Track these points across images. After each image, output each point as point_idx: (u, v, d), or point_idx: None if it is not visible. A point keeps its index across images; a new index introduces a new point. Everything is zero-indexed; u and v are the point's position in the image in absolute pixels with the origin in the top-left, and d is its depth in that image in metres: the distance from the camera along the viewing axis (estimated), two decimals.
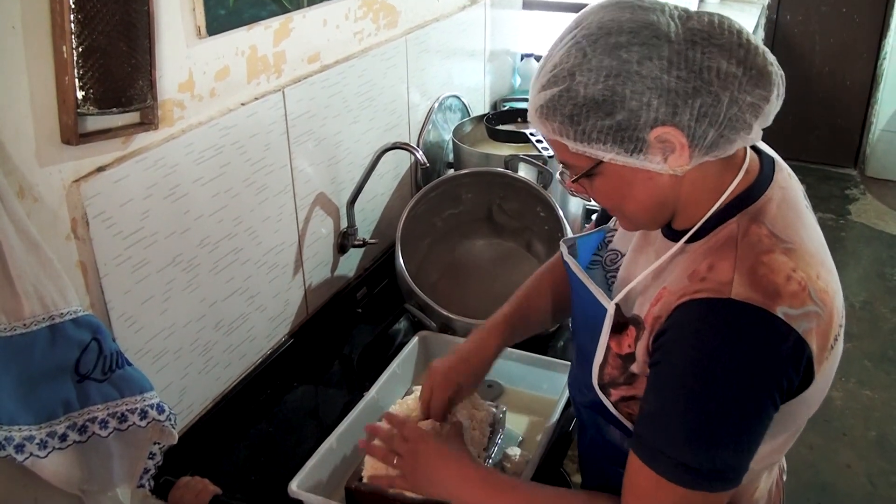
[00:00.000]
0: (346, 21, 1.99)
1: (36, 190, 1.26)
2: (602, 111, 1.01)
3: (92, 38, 1.25)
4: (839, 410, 3.46)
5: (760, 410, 1.02)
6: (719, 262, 1.04)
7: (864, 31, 5.32)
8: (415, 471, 1.31)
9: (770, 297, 1.00)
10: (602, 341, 1.17)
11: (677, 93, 1.00)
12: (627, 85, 1.00)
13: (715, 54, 1.01)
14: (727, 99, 1.01)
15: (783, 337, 1.00)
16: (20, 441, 1.23)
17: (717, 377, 1.00)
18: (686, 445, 1.03)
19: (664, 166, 1.04)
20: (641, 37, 1.00)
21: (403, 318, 2.15)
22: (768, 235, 1.06)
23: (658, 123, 1.01)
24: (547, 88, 1.05)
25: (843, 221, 5.04)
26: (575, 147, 1.06)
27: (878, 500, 3.02)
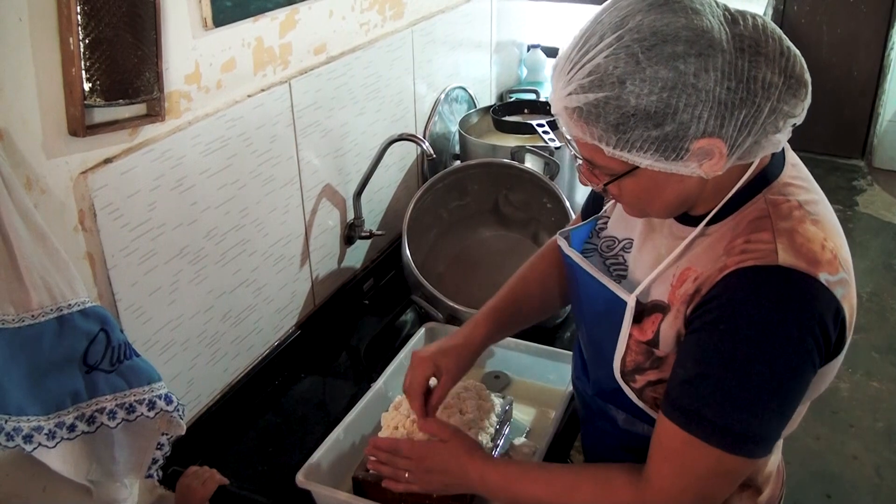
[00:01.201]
0: (353, 12, 1.98)
1: (43, 182, 1.26)
2: (652, 122, 0.99)
3: (98, 30, 1.25)
4: (846, 402, 3.45)
5: (803, 375, 1.05)
6: (756, 234, 1.06)
7: (871, 21, 5.29)
8: (432, 484, 1.32)
9: (812, 264, 1.02)
10: (623, 333, 1.17)
11: (726, 105, 0.99)
12: (682, 98, 0.98)
13: (761, 64, 1.00)
14: (767, 108, 1.02)
15: (827, 302, 1.02)
16: (29, 431, 1.23)
17: (767, 342, 1.02)
18: (729, 408, 1.04)
19: (698, 171, 1.04)
20: (698, 47, 0.97)
21: (410, 310, 2.15)
22: (797, 207, 1.08)
23: (705, 135, 1.00)
24: (589, 91, 1.00)
25: (851, 213, 5.02)
26: (612, 152, 1.04)
27: (885, 491, 3.01)
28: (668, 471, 1.11)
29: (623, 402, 1.23)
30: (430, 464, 1.32)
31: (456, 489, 1.33)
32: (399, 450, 1.35)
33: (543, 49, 3.21)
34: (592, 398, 1.33)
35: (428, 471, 1.32)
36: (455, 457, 1.31)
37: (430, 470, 1.32)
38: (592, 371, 1.31)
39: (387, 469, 1.36)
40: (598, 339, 1.26)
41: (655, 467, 1.12)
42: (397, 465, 1.35)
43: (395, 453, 1.36)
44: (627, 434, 1.28)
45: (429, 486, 1.33)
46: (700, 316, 1.08)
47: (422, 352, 1.44)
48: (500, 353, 1.80)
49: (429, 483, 1.33)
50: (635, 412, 1.23)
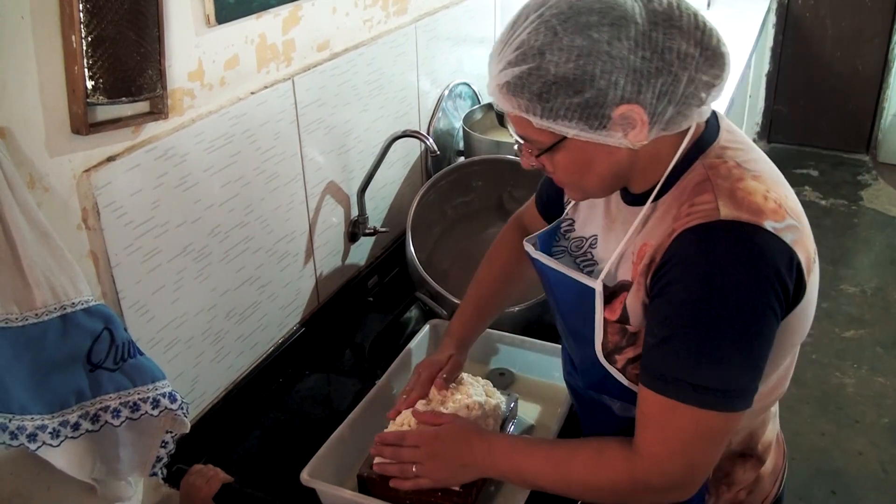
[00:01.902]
0: (356, 8, 1.98)
1: (46, 180, 1.26)
2: (571, 89, 1.05)
3: (101, 28, 1.25)
4: (851, 397, 3.45)
5: (765, 322, 1.07)
6: (698, 198, 1.10)
7: (876, 15, 5.28)
8: (441, 469, 1.33)
9: (755, 213, 1.06)
10: (598, 317, 1.22)
11: (642, 72, 1.05)
12: (597, 64, 1.04)
13: (675, 35, 1.06)
14: (685, 78, 1.07)
15: (775, 247, 1.06)
16: (32, 430, 1.23)
17: (722, 294, 1.05)
18: (697, 365, 1.07)
19: (624, 141, 1.09)
20: (610, 17, 1.04)
21: (414, 307, 2.14)
22: (735, 166, 1.12)
23: (623, 101, 1.05)
24: (515, 66, 1.07)
25: (856, 207, 5.01)
26: (540, 123, 1.10)
27: (890, 487, 3.01)
28: (653, 438, 1.13)
29: (614, 389, 1.26)
30: (435, 447, 1.33)
31: (464, 471, 1.32)
32: (403, 439, 1.37)
33: None
34: (586, 391, 1.35)
35: (434, 456, 1.33)
36: (460, 435, 1.33)
37: (435, 454, 1.33)
38: (580, 363, 1.34)
39: (393, 468, 1.36)
40: (577, 330, 1.29)
41: (641, 436, 1.15)
42: (403, 457, 1.35)
43: (399, 444, 1.36)
44: (626, 421, 1.29)
45: (437, 473, 1.33)
46: (657, 282, 1.12)
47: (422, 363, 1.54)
48: (504, 351, 1.80)
49: (436, 470, 1.33)
50: (628, 397, 1.25)
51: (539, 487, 1.29)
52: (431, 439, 1.35)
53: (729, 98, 3.22)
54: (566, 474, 1.22)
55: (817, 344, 3.76)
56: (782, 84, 5.62)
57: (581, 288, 1.24)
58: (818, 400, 3.44)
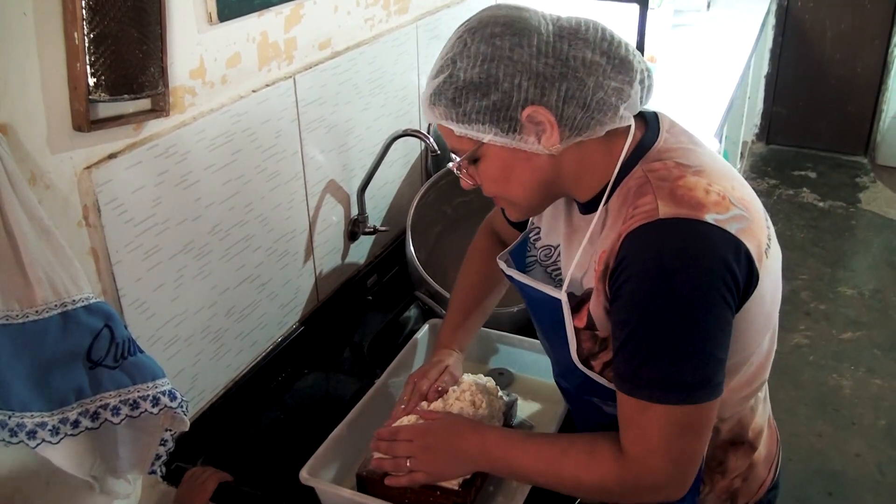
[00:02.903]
0: (357, 7, 1.98)
1: (47, 177, 1.26)
2: (479, 92, 1.12)
3: (103, 25, 1.25)
4: (848, 399, 3.45)
5: (716, 312, 1.09)
6: (640, 200, 1.13)
7: (875, 17, 5.28)
8: (434, 462, 1.34)
9: (695, 208, 1.08)
10: (569, 327, 1.25)
11: (545, 76, 1.11)
12: (500, 68, 1.11)
13: (580, 46, 1.12)
14: (592, 83, 1.12)
15: (718, 238, 1.07)
16: (32, 427, 1.23)
17: (669, 289, 1.07)
18: (656, 363, 1.10)
19: (539, 146, 1.14)
20: (514, 28, 1.12)
21: (414, 306, 2.15)
22: (675, 166, 1.15)
23: (528, 103, 1.11)
24: (434, 78, 1.16)
25: (854, 210, 5.02)
26: (459, 130, 1.16)
27: (886, 489, 3.02)
28: (633, 438, 1.15)
29: (600, 391, 1.27)
30: (428, 440, 1.35)
31: (457, 464, 1.33)
32: (397, 434, 1.38)
33: None
34: (577, 393, 1.37)
35: (427, 448, 1.34)
36: (452, 429, 1.35)
37: (428, 447, 1.34)
38: (563, 370, 1.36)
39: (389, 463, 1.37)
40: (554, 339, 1.33)
41: (623, 437, 1.16)
42: (396, 451, 1.36)
43: (394, 439, 1.37)
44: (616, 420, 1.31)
45: (430, 465, 1.33)
46: (612, 286, 1.15)
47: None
48: (503, 350, 1.80)
49: (429, 462, 1.33)
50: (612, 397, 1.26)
51: (532, 482, 1.32)
52: (424, 432, 1.37)
53: (728, 99, 3.22)
54: (558, 472, 1.23)
55: (815, 346, 3.77)
56: (781, 86, 5.62)
57: (550, 299, 1.27)
58: (815, 401, 3.44)
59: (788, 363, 3.63)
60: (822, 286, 4.21)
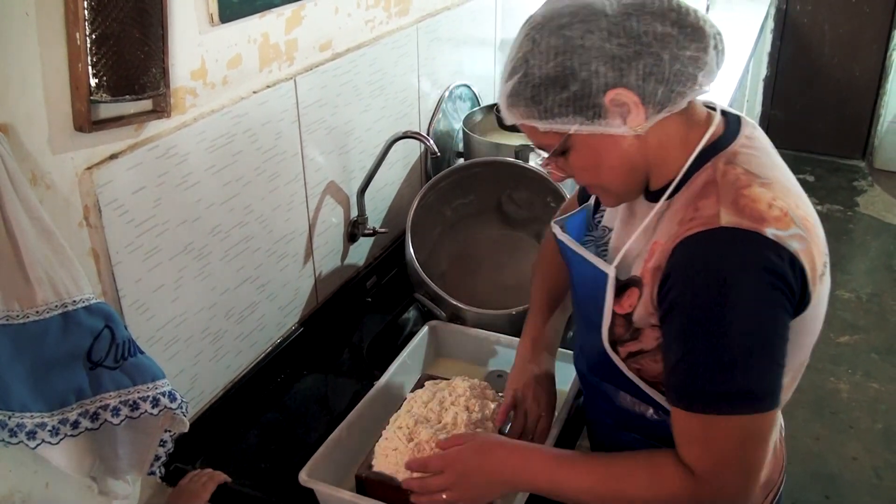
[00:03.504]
0: (358, 9, 1.98)
1: (49, 177, 1.26)
2: (558, 85, 1.11)
3: (105, 25, 1.25)
4: (846, 403, 3.46)
5: (776, 319, 1.09)
6: (702, 202, 1.12)
7: (873, 21, 5.29)
8: (470, 488, 1.30)
9: (757, 220, 1.07)
10: (608, 305, 1.23)
11: (620, 58, 1.09)
12: (575, 58, 1.10)
13: (649, 20, 1.10)
14: (668, 56, 1.10)
15: (777, 252, 1.06)
16: (32, 428, 1.23)
17: (729, 299, 1.06)
18: (721, 375, 1.08)
19: (625, 128, 1.13)
20: (580, 15, 1.10)
21: (413, 308, 2.15)
22: (744, 173, 1.13)
23: (609, 87, 1.10)
24: (508, 80, 1.15)
25: (851, 213, 5.02)
26: (544, 126, 1.16)
27: (883, 492, 3.02)
28: (702, 454, 1.13)
29: (614, 377, 1.27)
30: (459, 468, 1.30)
31: (494, 486, 1.30)
32: (427, 467, 1.34)
33: None
34: (590, 375, 1.37)
35: (461, 476, 1.30)
36: (482, 450, 1.32)
37: (462, 474, 1.30)
38: (587, 348, 1.35)
39: (425, 499, 1.33)
40: (588, 314, 1.31)
41: (687, 455, 1.15)
42: (430, 487, 1.32)
43: (424, 471, 1.34)
44: (625, 414, 1.32)
45: (467, 492, 1.30)
46: (665, 295, 1.13)
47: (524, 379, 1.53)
48: (503, 353, 1.80)
49: (466, 489, 1.30)
50: (626, 387, 1.26)
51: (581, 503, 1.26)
52: (454, 460, 1.32)
53: (727, 102, 3.23)
54: (620, 492, 1.20)
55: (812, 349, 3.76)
56: (780, 89, 5.63)
57: (596, 273, 1.26)
58: (813, 404, 3.44)
59: None
60: None
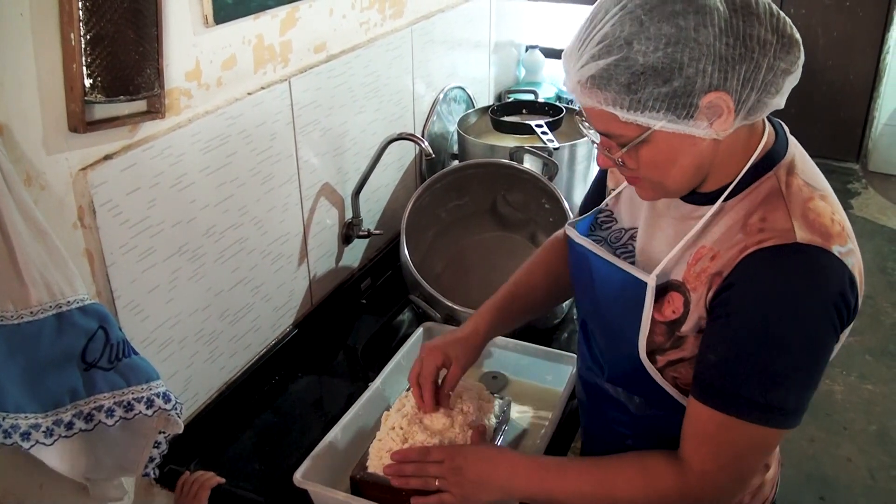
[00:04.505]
0: (353, 11, 1.98)
1: (43, 178, 1.26)
2: (660, 78, 1.03)
3: (100, 26, 1.25)
4: (840, 404, 3.46)
5: (827, 344, 1.10)
6: (771, 213, 1.10)
7: (867, 24, 5.30)
8: (463, 484, 1.31)
9: (826, 238, 1.08)
10: (646, 313, 1.19)
11: (727, 59, 1.03)
12: (685, 52, 1.02)
13: (754, 22, 1.04)
14: (766, 65, 1.06)
15: (841, 272, 1.08)
16: (26, 429, 1.23)
17: (792, 316, 1.06)
18: (763, 384, 1.09)
19: (710, 131, 1.07)
20: (695, 5, 1.02)
21: (407, 309, 2.15)
22: (805, 185, 1.13)
23: (711, 89, 1.04)
24: (599, 59, 1.05)
25: None
26: (626, 116, 1.07)
27: (878, 493, 3.02)
28: (706, 453, 1.14)
29: (641, 386, 1.26)
30: (458, 462, 1.32)
31: (484, 490, 1.30)
32: (429, 454, 1.35)
33: (542, 49, 3.21)
34: (604, 386, 1.35)
35: (457, 470, 1.31)
36: (483, 454, 1.33)
37: (459, 469, 1.31)
38: (609, 356, 1.32)
39: (416, 481, 1.34)
40: (615, 322, 1.28)
41: (692, 451, 1.16)
42: (427, 471, 1.33)
43: (424, 459, 1.35)
44: (642, 420, 1.31)
45: (459, 488, 1.31)
46: (725, 299, 1.11)
47: (430, 343, 1.48)
48: (498, 354, 1.80)
49: (459, 484, 1.31)
50: (652, 396, 1.25)
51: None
52: (454, 454, 1.33)
53: None
54: (610, 492, 1.21)
55: None
56: None
57: (628, 281, 1.22)
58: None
59: None
60: None
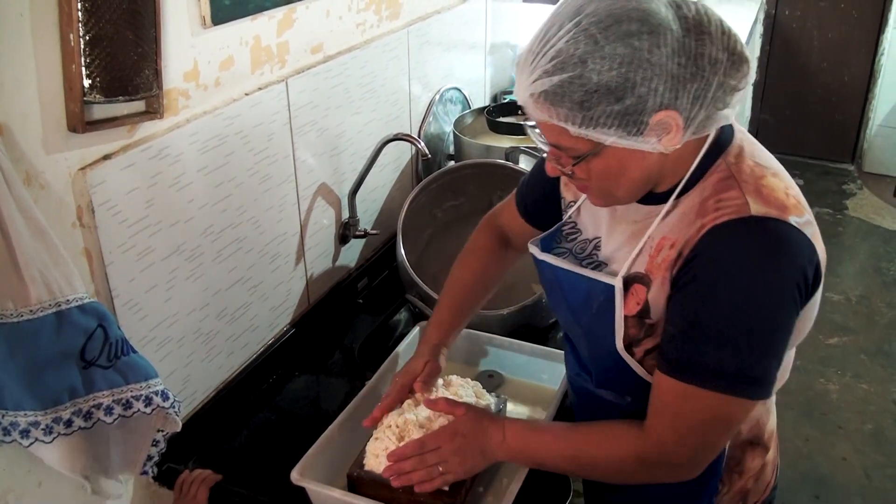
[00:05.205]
0: (349, 12, 1.99)
1: (42, 177, 1.27)
2: (613, 97, 1.05)
3: (99, 27, 1.26)
4: (835, 404, 3.48)
5: (788, 314, 1.13)
6: (725, 193, 1.14)
7: (862, 26, 5.32)
8: (464, 461, 1.34)
9: (781, 209, 1.11)
10: (619, 314, 1.23)
11: (679, 79, 1.06)
12: (639, 72, 1.04)
13: (707, 42, 1.08)
14: (715, 83, 1.09)
15: (800, 242, 1.11)
16: (26, 426, 1.24)
17: (751, 286, 1.09)
18: (721, 352, 1.11)
19: (658, 146, 1.11)
20: (649, 25, 1.05)
21: (404, 309, 2.16)
22: (756, 165, 1.17)
23: (662, 108, 1.07)
24: (553, 74, 1.06)
25: (840, 216, 5.05)
26: (577, 131, 1.09)
27: (873, 492, 3.03)
28: (665, 423, 1.18)
29: (628, 384, 1.28)
30: (458, 443, 1.34)
31: (484, 458, 1.35)
32: (425, 445, 1.36)
33: None
34: (594, 391, 1.37)
35: (457, 451, 1.34)
36: (476, 425, 1.36)
37: (458, 449, 1.34)
38: (592, 360, 1.35)
39: (418, 474, 1.35)
40: (592, 328, 1.31)
41: (653, 421, 1.19)
42: (428, 462, 1.35)
43: (422, 451, 1.36)
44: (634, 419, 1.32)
45: (463, 465, 1.34)
46: (684, 274, 1.15)
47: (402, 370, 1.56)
48: (493, 353, 1.81)
49: (461, 463, 1.34)
50: (639, 393, 1.27)
51: (547, 466, 1.33)
52: (452, 436, 1.36)
53: None
54: (576, 452, 1.27)
55: (802, 351, 3.75)
56: (769, 94, 5.66)
57: (594, 287, 1.26)
58: (803, 406, 3.46)
59: None
60: None
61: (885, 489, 3.05)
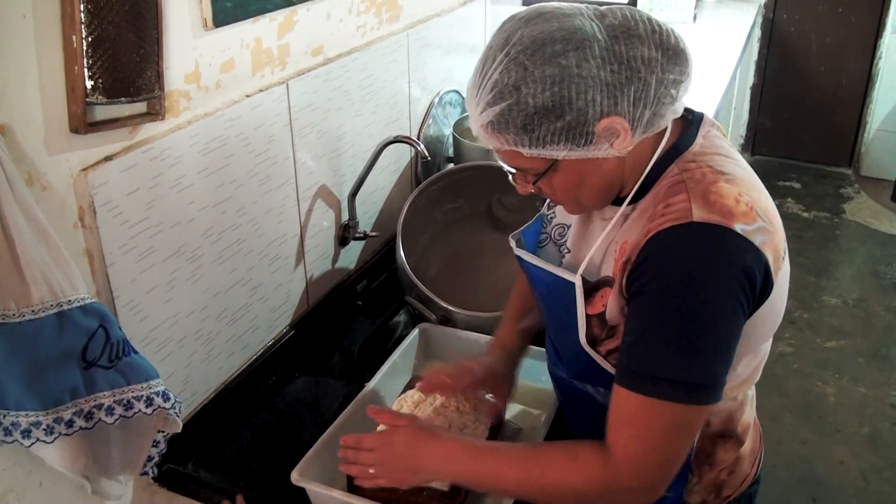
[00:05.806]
0: (350, 15, 2.00)
1: (44, 178, 1.27)
2: (553, 115, 1.10)
3: (101, 28, 1.26)
4: (832, 407, 3.48)
5: (733, 318, 1.12)
6: (673, 199, 1.15)
7: (859, 30, 5.34)
8: (394, 472, 1.32)
9: (726, 216, 1.10)
10: (580, 310, 1.26)
11: (614, 85, 1.10)
12: (572, 88, 1.09)
13: (636, 44, 1.12)
14: (654, 81, 1.12)
15: (744, 248, 1.10)
16: (27, 426, 1.24)
17: (692, 291, 1.10)
18: (670, 360, 1.11)
19: (611, 151, 1.15)
20: (574, 42, 1.10)
21: (403, 311, 2.16)
22: (710, 171, 1.17)
23: (604, 115, 1.11)
24: (494, 104, 1.12)
25: (838, 220, 5.06)
26: (529, 152, 1.15)
27: (870, 495, 3.04)
28: (628, 436, 1.15)
29: (598, 377, 1.29)
30: (388, 452, 1.32)
31: (416, 477, 1.32)
32: (361, 442, 1.36)
33: None
34: (571, 382, 1.39)
35: (386, 460, 1.32)
36: (411, 441, 1.32)
37: (388, 459, 1.32)
38: (565, 353, 1.37)
39: (355, 469, 1.36)
40: (561, 321, 1.33)
41: (615, 436, 1.16)
42: (360, 460, 1.35)
43: (358, 447, 1.36)
44: None
45: (394, 473, 1.32)
46: (634, 281, 1.16)
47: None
48: None
49: (394, 471, 1.32)
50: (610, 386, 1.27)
51: (505, 493, 1.31)
52: (385, 444, 1.34)
53: (714, 110, 3.25)
54: (539, 479, 1.21)
55: (799, 354, 3.80)
56: (767, 97, 5.67)
57: (561, 282, 1.29)
58: (800, 409, 3.47)
59: (773, 371, 3.66)
60: (806, 295, 4.25)
61: (882, 492, 3.06)
